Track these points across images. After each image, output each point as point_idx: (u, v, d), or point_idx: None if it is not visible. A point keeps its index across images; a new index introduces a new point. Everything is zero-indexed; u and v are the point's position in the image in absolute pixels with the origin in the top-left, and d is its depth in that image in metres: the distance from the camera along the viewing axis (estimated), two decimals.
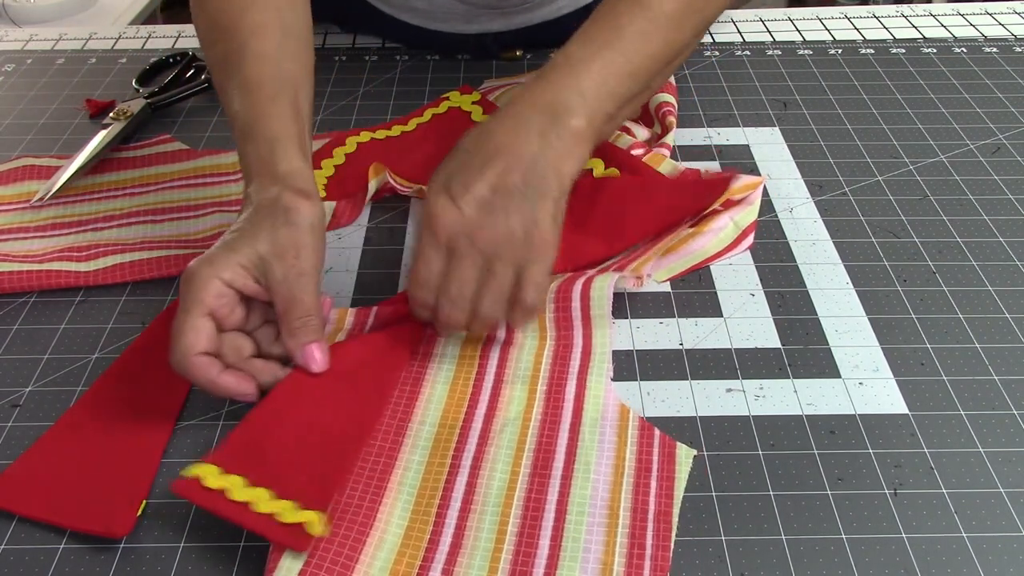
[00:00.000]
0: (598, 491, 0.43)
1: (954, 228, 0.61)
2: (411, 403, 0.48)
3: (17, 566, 0.42)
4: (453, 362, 0.51)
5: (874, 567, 0.41)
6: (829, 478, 0.45)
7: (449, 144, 0.68)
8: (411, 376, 0.50)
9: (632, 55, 0.55)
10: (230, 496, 0.41)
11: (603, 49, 0.55)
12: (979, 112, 0.74)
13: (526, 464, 0.45)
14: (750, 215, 0.60)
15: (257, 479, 0.42)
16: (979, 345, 0.52)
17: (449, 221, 0.49)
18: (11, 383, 0.51)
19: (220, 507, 0.41)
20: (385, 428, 0.47)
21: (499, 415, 0.48)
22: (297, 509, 0.41)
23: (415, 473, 0.45)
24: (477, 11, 0.81)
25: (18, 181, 0.68)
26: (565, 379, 0.49)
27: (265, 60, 0.55)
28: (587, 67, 0.54)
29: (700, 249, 0.58)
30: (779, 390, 0.50)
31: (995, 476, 0.45)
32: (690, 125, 0.73)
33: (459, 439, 0.46)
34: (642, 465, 0.45)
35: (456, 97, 0.73)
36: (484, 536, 0.42)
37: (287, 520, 0.41)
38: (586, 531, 0.42)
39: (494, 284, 0.48)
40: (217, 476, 0.42)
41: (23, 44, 0.91)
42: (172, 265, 0.58)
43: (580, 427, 0.47)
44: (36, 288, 0.57)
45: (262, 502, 0.41)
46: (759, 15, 0.92)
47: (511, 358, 0.51)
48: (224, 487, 0.42)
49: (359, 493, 0.43)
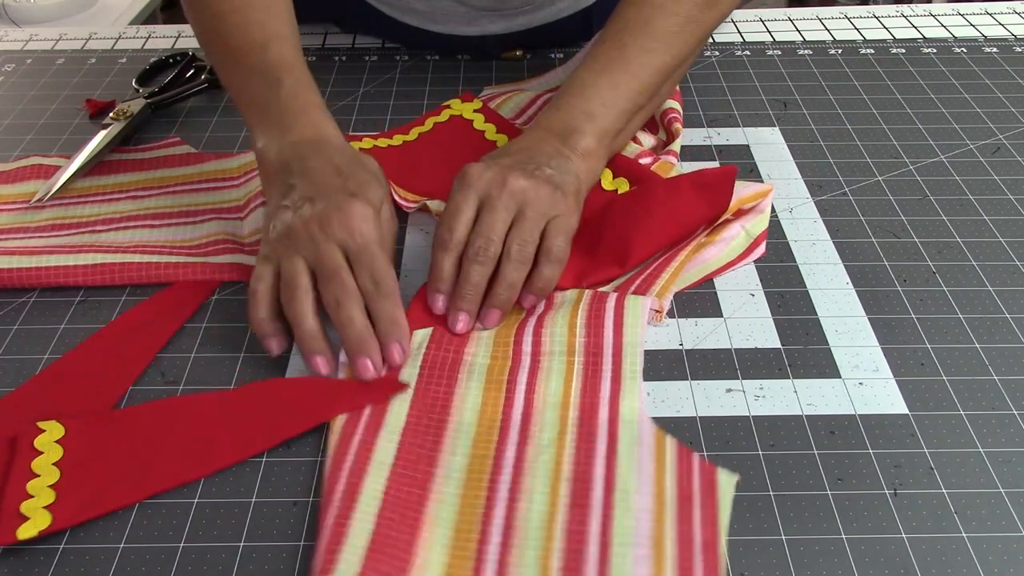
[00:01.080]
0: (641, 523, 0.41)
1: (954, 228, 0.61)
2: (440, 431, 0.47)
3: (17, 566, 0.42)
4: (480, 390, 0.49)
5: (874, 567, 0.41)
6: (829, 478, 0.45)
7: (452, 153, 0.68)
8: (438, 404, 0.48)
9: (637, 71, 0.59)
10: (32, 464, 0.44)
11: (608, 70, 0.59)
12: (979, 112, 0.74)
13: (563, 494, 0.43)
14: (761, 223, 0.60)
15: (66, 459, 0.44)
16: (979, 345, 0.52)
17: (483, 175, 0.53)
18: (11, 383, 0.51)
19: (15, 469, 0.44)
20: (416, 457, 0.45)
21: (531, 444, 0.46)
22: (42, 506, 0.42)
23: (450, 506, 0.43)
24: (477, 13, 0.81)
25: (23, 180, 0.68)
26: (597, 404, 0.48)
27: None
28: (595, 89, 0.58)
29: (713, 259, 0.57)
30: (779, 390, 0.50)
31: (995, 476, 0.45)
32: (690, 125, 0.73)
33: (493, 470, 0.45)
34: (684, 494, 0.43)
35: (457, 105, 0.73)
36: (528, 574, 0.40)
37: (23, 509, 0.42)
38: (632, 563, 0.40)
39: (525, 226, 0.52)
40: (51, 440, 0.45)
41: (23, 44, 0.91)
42: (162, 274, 0.57)
43: (616, 454, 0.45)
44: (25, 286, 0.57)
45: (41, 483, 0.43)
46: (759, 15, 0.93)
47: (539, 383, 0.49)
48: (43, 451, 0.44)
49: (396, 525, 0.42)
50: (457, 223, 0.53)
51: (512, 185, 0.53)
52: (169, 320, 0.55)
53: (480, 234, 0.52)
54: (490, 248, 0.52)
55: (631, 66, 0.59)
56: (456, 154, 0.67)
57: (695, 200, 0.58)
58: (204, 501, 0.44)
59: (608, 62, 0.59)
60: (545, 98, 0.73)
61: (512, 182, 0.53)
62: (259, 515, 0.44)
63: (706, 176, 0.59)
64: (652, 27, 0.59)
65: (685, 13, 0.60)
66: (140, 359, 0.52)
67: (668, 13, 0.60)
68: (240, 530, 0.43)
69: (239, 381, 0.51)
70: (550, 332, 0.51)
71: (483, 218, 0.52)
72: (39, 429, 0.46)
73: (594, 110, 0.58)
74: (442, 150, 0.69)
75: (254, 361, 0.52)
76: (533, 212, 0.53)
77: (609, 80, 0.58)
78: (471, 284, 0.52)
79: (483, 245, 0.52)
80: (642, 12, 0.60)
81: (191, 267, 0.57)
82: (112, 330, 0.54)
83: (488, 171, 0.54)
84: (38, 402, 0.49)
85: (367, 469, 0.44)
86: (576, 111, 0.58)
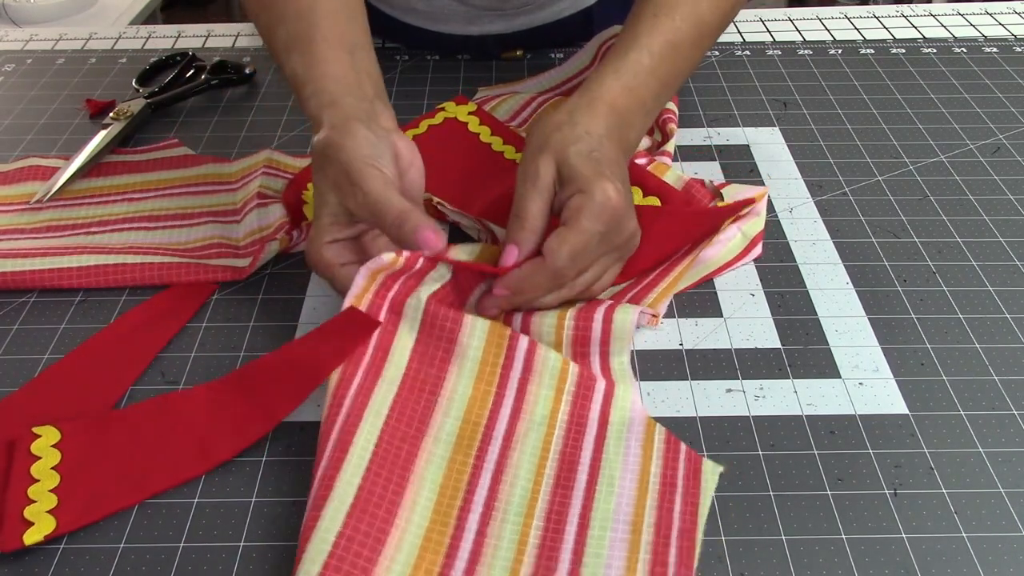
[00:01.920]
0: (622, 506, 0.42)
1: (954, 228, 0.61)
2: (435, 389, 0.47)
3: (17, 566, 0.42)
4: (479, 353, 0.49)
5: (874, 567, 0.41)
6: (829, 478, 0.45)
7: (448, 155, 0.68)
8: (434, 367, 0.49)
9: (674, 81, 0.59)
10: (31, 469, 0.44)
11: (664, 61, 0.57)
12: (979, 112, 0.74)
13: (549, 473, 0.44)
14: (757, 225, 0.60)
15: (64, 463, 0.44)
16: (979, 345, 0.52)
17: (615, 207, 0.50)
18: (11, 383, 0.51)
19: (14, 476, 0.44)
20: (410, 413, 0.46)
21: (524, 416, 0.47)
22: (45, 511, 0.42)
23: (437, 468, 0.44)
24: (478, 13, 0.81)
25: (22, 181, 0.67)
26: (593, 383, 0.48)
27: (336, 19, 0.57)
28: (655, 78, 0.57)
29: (711, 259, 0.58)
30: (779, 390, 0.50)
31: (995, 476, 0.45)
32: (690, 125, 0.73)
33: (483, 438, 0.46)
34: (667, 481, 0.44)
35: (452, 107, 0.73)
36: (504, 546, 0.41)
37: (27, 515, 0.42)
38: (608, 547, 0.41)
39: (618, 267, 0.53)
40: (47, 445, 0.45)
41: (23, 44, 0.91)
42: (157, 276, 0.57)
43: (606, 437, 0.46)
44: (22, 287, 0.57)
45: (41, 487, 0.43)
46: (759, 15, 0.93)
47: (539, 351, 0.49)
48: (40, 456, 0.45)
49: (383, 481, 0.42)
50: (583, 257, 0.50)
51: (628, 227, 0.51)
52: (168, 322, 0.55)
53: (583, 265, 0.50)
54: (578, 283, 0.51)
55: (677, 73, 0.59)
56: (452, 156, 0.67)
57: (696, 220, 0.58)
58: (204, 501, 0.44)
59: (664, 53, 0.57)
60: (540, 100, 0.73)
61: (628, 223, 0.51)
62: (259, 515, 0.44)
63: (714, 206, 0.60)
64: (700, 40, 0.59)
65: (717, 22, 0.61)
66: (139, 361, 0.52)
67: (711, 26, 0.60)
68: (240, 530, 0.43)
69: None
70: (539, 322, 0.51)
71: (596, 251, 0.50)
72: (35, 435, 0.46)
73: (648, 104, 0.57)
74: (438, 152, 0.69)
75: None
76: (620, 255, 0.53)
77: (663, 75, 0.57)
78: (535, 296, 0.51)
79: (593, 284, 0.51)
80: (697, 27, 0.59)
81: (186, 269, 0.57)
82: (111, 332, 0.54)
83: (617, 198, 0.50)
84: (37, 405, 0.49)
85: (363, 416, 0.44)
86: (640, 98, 0.56)
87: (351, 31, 0.58)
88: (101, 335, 0.54)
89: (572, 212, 0.49)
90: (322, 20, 0.57)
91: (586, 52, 0.78)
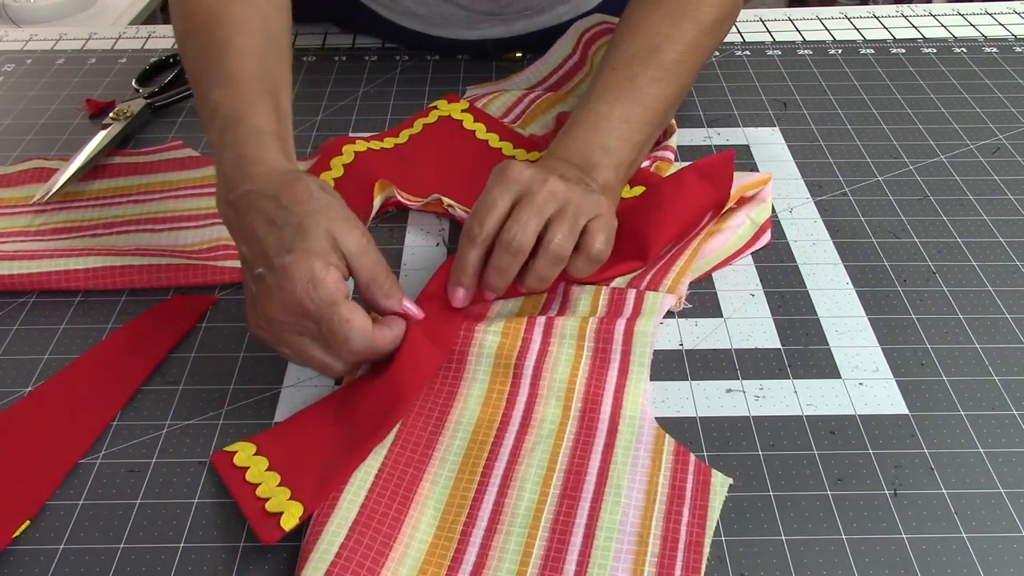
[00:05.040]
0: (628, 517, 0.42)
1: (954, 228, 0.61)
2: (443, 416, 0.47)
3: (17, 566, 0.42)
4: (487, 374, 0.49)
5: (874, 567, 0.41)
6: (829, 478, 0.45)
7: (444, 153, 0.68)
8: (444, 389, 0.49)
9: (649, 102, 0.59)
10: (246, 476, 0.44)
11: (621, 100, 0.58)
12: (979, 112, 0.74)
13: (556, 484, 0.44)
14: (765, 211, 0.60)
15: (275, 463, 0.44)
16: (979, 345, 0.52)
17: (524, 171, 0.52)
18: (11, 383, 0.51)
19: (233, 485, 0.44)
20: (416, 439, 0.46)
21: (531, 433, 0.46)
22: (286, 499, 0.42)
23: (443, 487, 0.44)
24: (478, 18, 0.81)
25: (24, 184, 0.67)
26: (601, 396, 0.48)
27: (248, 56, 0.55)
28: (609, 122, 0.58)
29: (721, 247, 0.58)
30: (779, 390, 0.50)
31: (995, 476, 0.45)
32: (690, 125, 0.73)
33: (489, 455, 0.45)
34: (675, 492, 0.43)
35: (444, 106, 0.73)
36: (508, 558, 0.41)
37: (271, 509, 0.42)
38: (613, 558, 0.40)
39: (565, 222, 0.51)
40: (249, 456, 0.45)
41: (23, 44, 0.91)
42: (163, 277, 0.57)
43: (614, 449, 0.45)
44: (27, 289, 0.57)
45: (267, 486, 0.43)
46: (759, 15, 0.92)
47: (546, 369, 0.49)
48: (247, 466, 0.45)
49: (386, 501, 0.43)
50: (489, 216, 0.51)
51: (553, 184, 0.52)
52: (167, 333, 0.54)
53: (516, 221, 0.51)
54: (524, 239, 0.51)
55: (643, 98, 0.59)
56: (448, 154, 0.67)
57: (700, 188, 0.58)
58: (204, 501, 0.44)
59: (620, 92, 0.58)
60: (531, 96, 0.73)
61: (553, 181, 0.51)
62: None
63: (707, 164, 0.59)
64: (660, 57, 0.59)
65: (691, 41, 0.61)
66: (140, 370, 0.52)
67: (674, 41, 0.60)
68: (240, 530, 0.43)
69: (239, 381, 0.51)
70: (564, 319, 0.52)
71: (520, 209, 0.51)
72: (228, 452, 0.46)
73: (609, 144, 0.57)
74: (434, 151, 0.69)
75: (254, 361, 0.52)
76: (574, 210, 0.51)
77: (622, 113, 0.58)
78: (498, 271, 0.51)
79: (518, 235, 0.50)
80: (650, 41, 0.60)
81: (194, 271, 0.57)
82: (111, 343, 0.54)
83: (529, 169, 0.52)
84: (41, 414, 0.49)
85: None
86: (593, 144, 0.57)
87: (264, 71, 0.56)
88: (100, 347, 0.53)
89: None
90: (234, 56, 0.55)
91: (567, 39, 0.79)
